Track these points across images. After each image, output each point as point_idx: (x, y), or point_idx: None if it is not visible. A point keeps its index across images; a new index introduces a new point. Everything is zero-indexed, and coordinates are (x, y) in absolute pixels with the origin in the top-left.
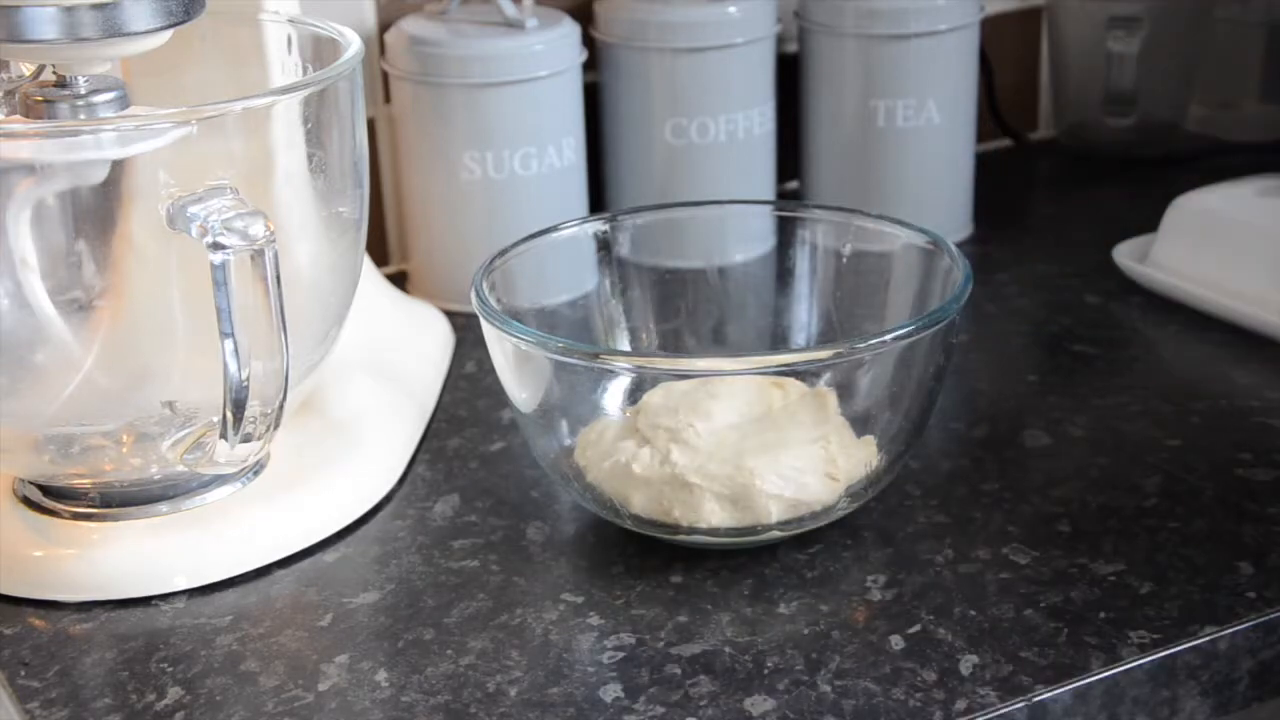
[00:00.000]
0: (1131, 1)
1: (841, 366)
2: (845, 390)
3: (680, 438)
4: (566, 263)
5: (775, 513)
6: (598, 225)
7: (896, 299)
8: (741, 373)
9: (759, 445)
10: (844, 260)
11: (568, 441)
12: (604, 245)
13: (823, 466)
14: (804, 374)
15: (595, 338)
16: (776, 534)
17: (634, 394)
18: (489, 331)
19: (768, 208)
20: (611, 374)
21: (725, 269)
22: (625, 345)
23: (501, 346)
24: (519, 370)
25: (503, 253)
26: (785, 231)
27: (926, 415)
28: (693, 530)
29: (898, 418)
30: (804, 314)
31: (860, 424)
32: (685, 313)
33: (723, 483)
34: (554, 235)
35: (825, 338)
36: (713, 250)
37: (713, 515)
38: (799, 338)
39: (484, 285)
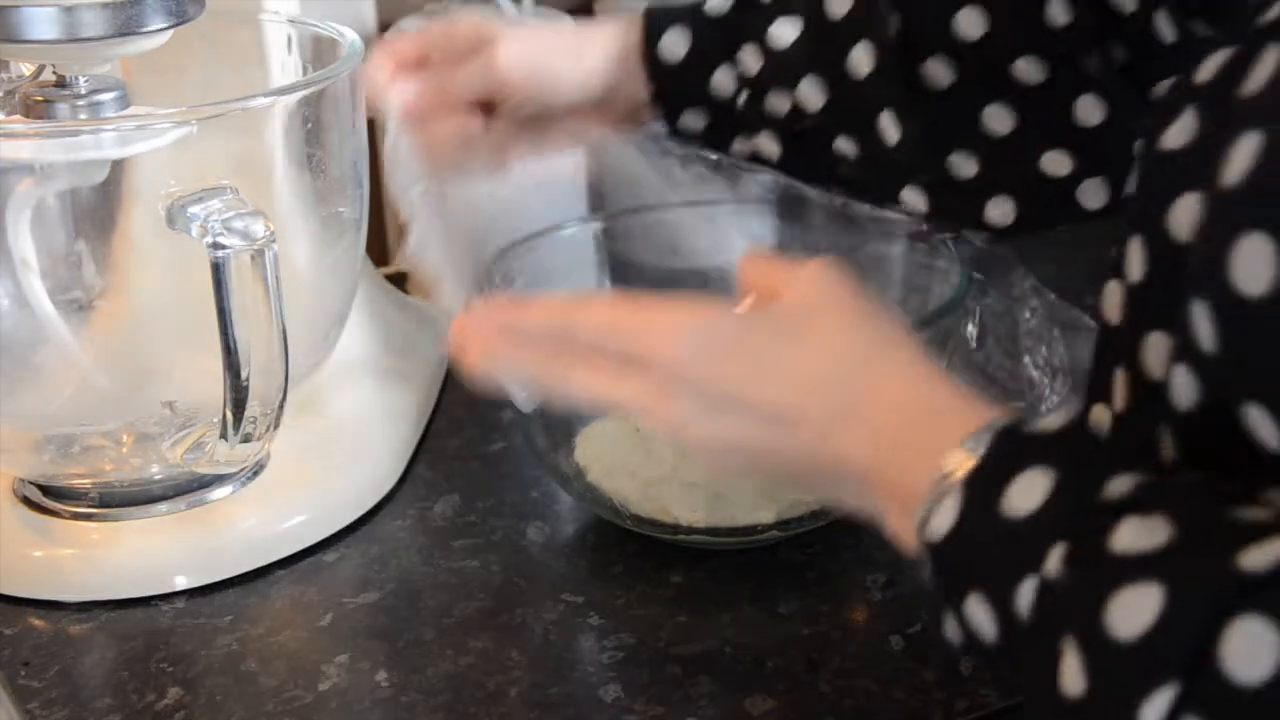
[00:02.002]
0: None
1: None
2: None
3: None
4: (566, 263)
5: (774, 512)
6: (598, 225)
7: (896, 299)
8: None
9: None
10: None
11: (568, 441)
12: (604, 245)
13: None
14: None
15: None
16: (776, 534)
17: None
18: None
19: (768, 208)
20: None
21: (725, 269)
22: None
23: None
24: None
25: (503, 253)
26: (785, 231)
27: None
28: (692, 530)
29: None
30: None
31: None
32: None
33: (722, 483)
34: (554, 235)
35: None
36: (713, 250)
37: (712, 515)
38: None
39: (484, 285)
